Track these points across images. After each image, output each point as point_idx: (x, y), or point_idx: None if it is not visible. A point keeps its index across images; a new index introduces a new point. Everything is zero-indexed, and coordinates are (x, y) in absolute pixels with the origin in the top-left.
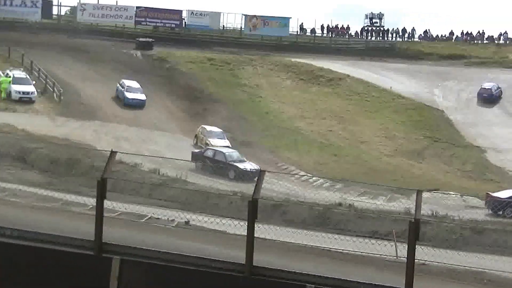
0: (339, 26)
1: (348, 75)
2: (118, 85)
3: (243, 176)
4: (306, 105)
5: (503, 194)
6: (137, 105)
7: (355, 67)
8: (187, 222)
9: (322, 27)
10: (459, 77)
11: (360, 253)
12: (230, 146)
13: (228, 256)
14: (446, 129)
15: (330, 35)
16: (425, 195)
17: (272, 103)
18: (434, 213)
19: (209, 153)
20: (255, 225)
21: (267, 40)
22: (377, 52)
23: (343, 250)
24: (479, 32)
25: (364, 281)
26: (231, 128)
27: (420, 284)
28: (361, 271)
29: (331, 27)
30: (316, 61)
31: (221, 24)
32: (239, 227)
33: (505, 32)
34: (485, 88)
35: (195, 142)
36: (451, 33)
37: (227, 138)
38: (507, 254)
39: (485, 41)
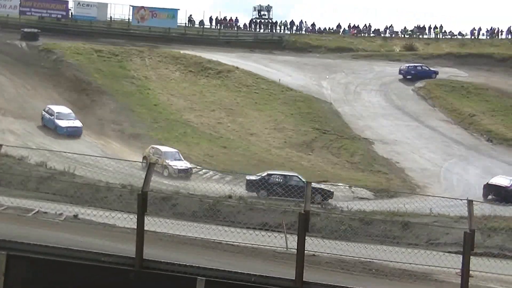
0: (228, 18)
1: (237, 67)
2: (43, 112)
3: (328, 197)
4: (195, 97)
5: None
6: (74, 134)
7: (244, 59)
8: (75, 216)
9: (211, 19)
10: (346, 69)
11: (250, 245)
12: (190, 166)
13: (118, 249)
14: (334, 121)
15: (218, 27)
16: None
17: (160, 95)
18: (323, 205)
19: (277, 179)
20: (145, 218)
21: (156, 31)
22: (265, 45)
23: (233, 242)
24: (365, 25)
25: (255, 273)
26: (119, 121)
27: (310, 275)
28: (251, 263)
29: (219, 19)
30: (205, 53)
31: (108, 15)
32: (128, 220)
33: (391, 26)
34: (405, 65)
35: (144, 165)
36: (339, 26)
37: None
38: (394, 244)
39: (371, 34)
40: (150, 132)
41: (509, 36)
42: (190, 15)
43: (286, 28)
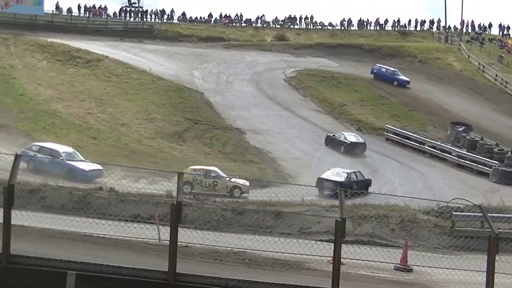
0: (97, 6)
1: (107, 57)
2: (31, 152)
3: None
4: (64, 87)
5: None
6: (97, 177)
7: (113, 48)
8: None
9: (79, 6)
10: (218, 59)
11: (122, 237)
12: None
13: None
14: (206, 111)
15: (87, 15)
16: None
17: (27, 84)
18: (196, 195)
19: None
20: (12, 212)
21: (21, 18)
22: (136, 34)
23: (104, 235)
24: (237, 15)
25: (127, 266)
26: None
27: (184, 266)
28: (123, 256)
29: (88, 7)
30: (73, 41)
31: None
32: None
33: (263, 16)
34: (377, 65)
35: (189, 189)
36: (210, 15)
37: None
38: (267, 234)
39: (243, 24)
40: (17, 123)
41: (378, 28)
42: (58, 2)
43: (156, 17)
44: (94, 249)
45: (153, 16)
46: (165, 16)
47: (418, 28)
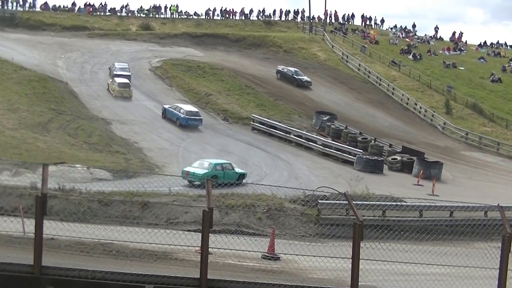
0: None
1: None
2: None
3: None
4: None
5: None
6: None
7: None
8: None
9: None
10: (82, 48)
11: None
12: None
13: None
14: (70, 101)
15: None
16: (51, 168)
17: None
18: (61, 187)
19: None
20: None
21: None
22: None
23: None
24: (101, 4)
25: None
26: None
27: (50, 259)
28: None
29: None
30: None
31: None
32: None
33: (127, 5)
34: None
35: None
36: (74, 4)
37: None
38: (134, 225)
39: (107, 13)
40: None
41: (243, 17)
42: None
43: (18, 4)
44: None
45: (15, 3)
46: (27, 4)
47: (283, 18)
